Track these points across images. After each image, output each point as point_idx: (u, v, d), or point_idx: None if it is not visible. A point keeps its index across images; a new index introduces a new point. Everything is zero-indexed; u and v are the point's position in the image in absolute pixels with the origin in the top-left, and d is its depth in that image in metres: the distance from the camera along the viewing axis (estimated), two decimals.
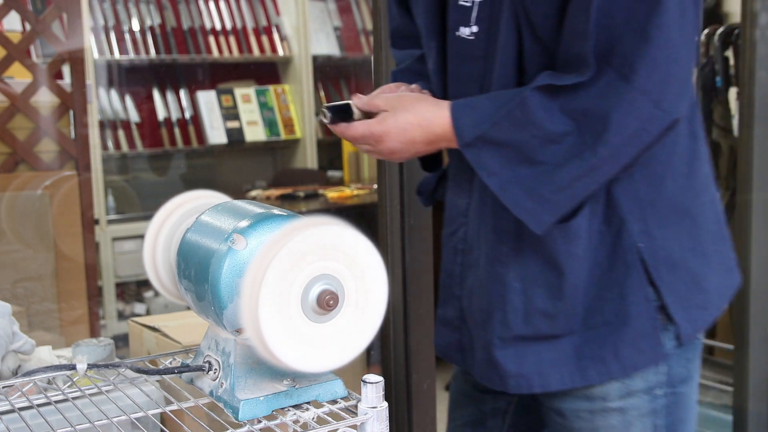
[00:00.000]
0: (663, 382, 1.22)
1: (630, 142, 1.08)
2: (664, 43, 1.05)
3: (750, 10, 2.39)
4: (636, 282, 1.18)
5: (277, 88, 4.48)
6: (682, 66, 1.08)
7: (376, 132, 1.17)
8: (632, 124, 1.07)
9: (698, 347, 1.27)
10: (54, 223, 2.31)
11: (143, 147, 4.13)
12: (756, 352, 2.50)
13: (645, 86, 1.05)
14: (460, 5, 1.20)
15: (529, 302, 1.20)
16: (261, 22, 4.44)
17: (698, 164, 1.24)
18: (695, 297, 1.21)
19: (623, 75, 1.06)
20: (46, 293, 2.30)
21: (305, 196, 4.01)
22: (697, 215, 1.22)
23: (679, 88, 1.08)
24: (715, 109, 2.93)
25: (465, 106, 1.15)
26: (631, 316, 1.18)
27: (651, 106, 1.06)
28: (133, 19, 4.13)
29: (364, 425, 1.02)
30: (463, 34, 1.20)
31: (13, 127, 2.30)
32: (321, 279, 0.98)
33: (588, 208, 1.16)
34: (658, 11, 1.05)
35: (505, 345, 1.22)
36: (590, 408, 1.22)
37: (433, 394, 2.22)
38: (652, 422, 1.22)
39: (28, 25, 2.37)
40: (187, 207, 1.20)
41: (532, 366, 1.22)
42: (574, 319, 1.19)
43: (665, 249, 1.19)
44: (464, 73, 1.22)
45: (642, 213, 1.18)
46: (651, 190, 1.19)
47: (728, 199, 2.92)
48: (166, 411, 1.08)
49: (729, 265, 1.29)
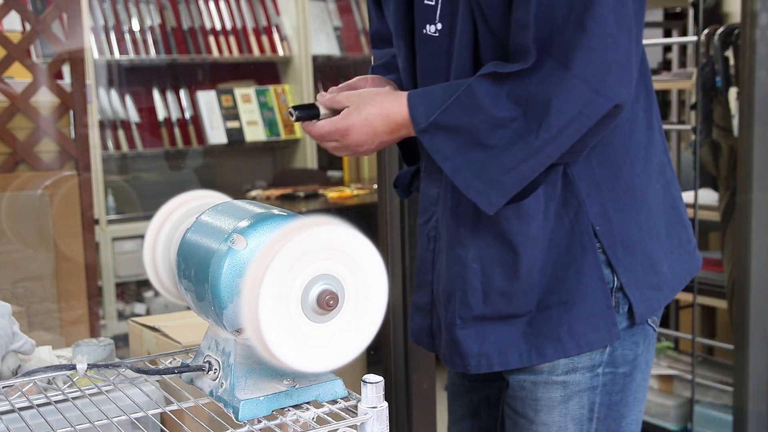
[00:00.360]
0: (605, 361, 1.27)
1: (570, 126, 1.13)
2: (600, 34, 1.11)
3: (750, 10, 2.39)
4: (592, 262, 1.23)
5: (277, 88, 4.48)
6: (621, 53, 1.13)
7: (341, 127, 1.24)
8: (572, 109, 1.12)
9: (649, 333, 1.31)
10: (54, 223, 2.31)
11: (143, 147, 4.12)
12: (756, 352, 2.50)
13: (583, 73, 1.11)
14: (425, 5, 1.26)
15: (487, 282, 1.25)
16: (261, 22, 4.44)
17: (653, 152, 1.29)
18: (650, 278, 1.27)
19: (562, 63, 1.12)
20: (46, 293, 2.30)
21: (305, 196, 4.01)
22: (651, 200, 1.28)
23: (619, 75, 1.13)
24: (715, 109, 2.93)
25: (420, 95, 1.22)
26: (587, 295, 1.23)
27: (590, 92, 1.12)
28: (133, 19, 4.13)
29: (364, 425, 1.02)
30: (429, 32, 1.27)
31: (13, 127, 2.30)
32: (321, 279, 0.98)
33: (542, 190, 1.21)
34: (594, 4, 1.11)
35: (465, 325, 1.28)
36: (534, 380, 1.28)
37: (433, 394, 2.22)
38: (589, 398, 1.27)
39: (28, 25, 2.37)
40: (187, 207, 1.20)
41: (492, 345, 1.27)
42: (531, 298, 1.24)
43: (622, 231, 1.25)
44: (431, 68, 1.29)
45: (599, 196, 1.24)
46: (608, 175, 1.24)
47: (728, 199, 2.92)
48: (166, 411, 1.08)
49: (686, 248, 1.34)
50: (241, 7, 4.40)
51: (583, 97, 1.12)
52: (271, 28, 4.45)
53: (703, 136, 2.95)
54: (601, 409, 1.28)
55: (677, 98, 4.24)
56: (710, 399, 3.10)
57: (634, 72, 1.16)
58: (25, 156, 2.31)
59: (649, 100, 1.30)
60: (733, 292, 2.69)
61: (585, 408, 1.27)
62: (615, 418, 1.28)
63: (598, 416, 1.27)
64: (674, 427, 3.16)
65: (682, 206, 1.35)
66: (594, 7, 1.10)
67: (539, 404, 1.28)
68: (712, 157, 2.96)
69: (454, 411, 1.50)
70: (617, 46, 1.12)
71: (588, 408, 1.27)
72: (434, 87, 1.22)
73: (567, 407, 1.27)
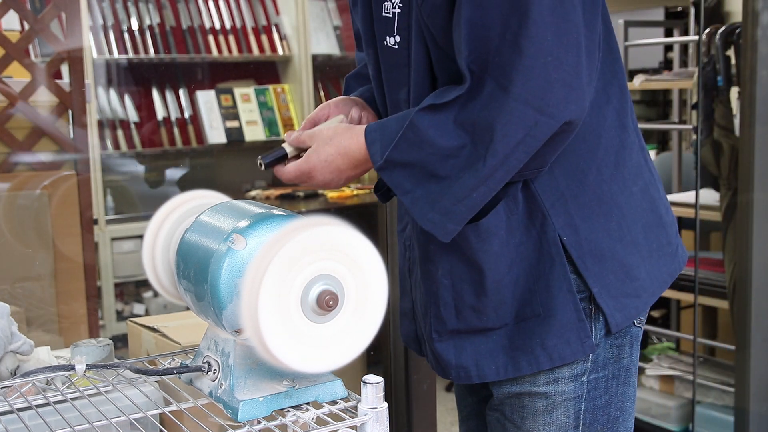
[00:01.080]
0: (589, 369, 1.26)
1: (518, 150, 1.11)
2: (537, 53, 1.08)
3: (751, 10, 2.38)
4: (560, 274, 1.22)
5: (276, 87, 4.47)
6: (564, 70, 1.09)
7: (304, 170, 1.25)
8: (517, 133, 1.10)
9: (633, 332, 1.29)
10: (53, 223, 2.30)
11: (142, 147, 4.12)
12: (757, 352, 2.49)
13: (523, 95, 1.08)
14: (383, 16, 1.26)
15: (458, 298, 1.26)
16: (261, 22, 4.43)
17: (626, 154, 1.27)
18: (625, 286, 1.25)
19: (502, 86, 1.09)
20: (45, 293, 2.30)
21: (305, 196, 4.00)
22: (624, 205, 1.25)
23: (564, 93, 1.10)
24: (717, 108, 2.92)
25: (377, 130, 1.20)
26: (557, 308, 1.22)
27: (534, 113, 1.09)
28: (132, 18, 4.13)
29: (364, 426, 1.02)
30: (389, 44, 1.26)
31: (11, 126, 2.29)
32: (321, 279, 0.98)
33: (503, 206, 1.20)
34: (527, 24, 1.07)
35: (442, 338, 1.29)
36: (518, 390, 1.28)
37: (433, 395, 2.21)
38: (574, 407, 1.26)
39: (26, 24, 2.36)
40: (186, 207, 1.20)
41: (470, 357, 1.27)
42: (504, 311, 1.24)
43: (591, 241, 1.23)
44: (394, 79, 1.29)
45: (565, 207, 1.22)
46: (573, 184, 1.22)
47: (729, 199, 2.92)
48: (165, 412, 1.07)
49: (666, 250, 1.31)
50: (241, 6, 4.40)
51: (528, 120, 1.09)
52: (270, 28, 4.45)
53: (705, 135, 2.95)
54: (587, 416, 1.27)
55: (678, 98, 4.24)
56: (711, 400, 3.09)
57: (586, 87, 1.12)
58: (23, 156, 2.30)
59: (623, 101, 1.27)
60: (735, 293, 2.69)
61: (570, 417, 1.26)
62: (602, 422, 1.28)
63: (584, 422, 1.27)
64: (675, 428, 3.16)
65: (662, 207, 1.32)
66: (529, 27, 1.07)
67: (524, 412, 1.28)
68: (713, 157, 2.95)
69: (460, 411, 1.52)
70: (559, 63, 1.08)
71: (573, 416, 1.27)
72: (389, 120, 1.21)
73: (551, 416, 1.27)
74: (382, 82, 1.32)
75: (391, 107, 1.31)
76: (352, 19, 1.47)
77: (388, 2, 1.24)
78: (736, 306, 2.60)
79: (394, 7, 1.23)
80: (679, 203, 3.25)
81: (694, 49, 3.78)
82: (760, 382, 2.51)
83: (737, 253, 2.57)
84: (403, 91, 1.27)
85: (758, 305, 2.48)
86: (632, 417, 1.33)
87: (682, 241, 1.38)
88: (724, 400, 3.05)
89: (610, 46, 1.25)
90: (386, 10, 1.25)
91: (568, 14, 1.09)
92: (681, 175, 3.94)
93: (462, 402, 1.50)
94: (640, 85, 3.39)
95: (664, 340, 3.81)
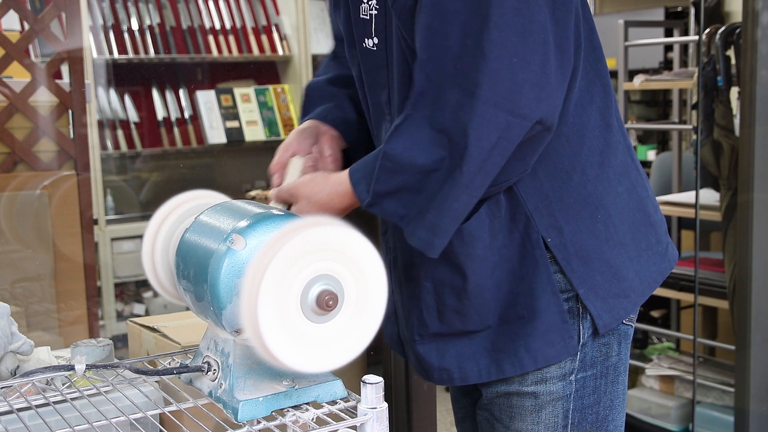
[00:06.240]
0: (577, 368, 1.26)
1: (493, 153, 1.10)
2: (502, 55, 1.07)
3: (751, 10, 2.38)
4: (544, 276, 1.21)
5: (276, 87, 4.47)
6: (532, 70, 1.08)
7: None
8: (490, 136, 1.08)
9: (622, 331, 1.29)
10: (53, 223, 2.30)
11: (142, 147, 4.12)
12: (757, 352, 2.49)
13: (492, 98, 1.07)
14: (361, 18, 1.25)
15: (440, 301, 1.25)
16: (261, 22, 4.43)
17: (611, 154, 1.25)
18: (613, 287, 1.24)
19: (469, 91, 1.08)
20: (45, 293, 2.30)
21: None
22: (610, 205, 1.25)
23: (535, 92, 1.09)
24: (717, 108, 2.92)
25: (360, 170, 1.19)
26: (541, 310, 1.22)
27: (505, 115, 1.08)
28: (132, 18, 4.13)
29: (364, 426, 1.02)
30: (368, 45, 1.26)
31: (11, 126, 2.29)
32: (320, 279, 0.98)
33: (485, 209, 1.19)
34: (489, 27, 1.06)
35: (424, 341, 1.28)
36: (506, 390, 1.27)
37: (433, 395, 2.21)
38: (563, 406, 1.26)
39: (26, 24, 2.36)
40: (185, 207, 1.20)
41: (452, 360, 1.27)
42: (487, 314, 1.24)
43: (576, 242, 1.22)
44: (374, 80, 1.28)
45: (548, 208, 1.21)
46: (556, 186, 1.21)
47: (730, 199, 2.92)
48: (165, 412, 1.07)
49: (655, 249, 1.30)
50: (241, 6, 4.40)
51: (500, 122, 1.08)
52: (270, 28, 4.45)
53: (705, 135, 2.95)
54: (575, 415, 1.27)
55: (678, 98, 4.24)
56: (711, 400, 3.09)
57: (556, 85, 1.11)
58: (23, 156, 2.30)
59: (607, 100, 1.26)
60: (735, 293, 2.69)
61: (559, 416, 1.26)
62: (591, 421, 1.28)
63: (573, 422, 1.27)
64: (675, 428, 3.16)
65: (650, 206, 1.31)
66: (490, 30, 1.06)
67: (513, 411, 1.28)
68: (713, 157, 2.95)
69: (456, 412, 1.52)
70: (526, 63, 1.07)
71: (562, 416, 1.26)
72: (369, 157, 1.19)
73: (539, 416, 1.26)
74: (363, 84, 1.32)
75: (373, 109, 1.31)
76: (332, 20, 1.48)
77: (365, 4, 1.24)
78: (736, 306, 2.60)
79: (371, 9, 1.23)
80: (679, 203, 3.25)
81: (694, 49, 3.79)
82: (760, 382, 2.50)
83: (737, 253, 2.57)
84: (383, 93, 1.27)
85: (758, 305, 2.48)
86: (623, 415, 1.32)
87: (681, 242, 1.38)
88: (724, 400, 3.05)
89: (593, 44, 1.24)
90: (363, 11, 1.25)
91: (533, 14, 1.08)
92: (681, 175, 3.94)
93: (456, 404, 1.50)
94: (640, 85, 3.39)
95: (664, 340, 3.81)
